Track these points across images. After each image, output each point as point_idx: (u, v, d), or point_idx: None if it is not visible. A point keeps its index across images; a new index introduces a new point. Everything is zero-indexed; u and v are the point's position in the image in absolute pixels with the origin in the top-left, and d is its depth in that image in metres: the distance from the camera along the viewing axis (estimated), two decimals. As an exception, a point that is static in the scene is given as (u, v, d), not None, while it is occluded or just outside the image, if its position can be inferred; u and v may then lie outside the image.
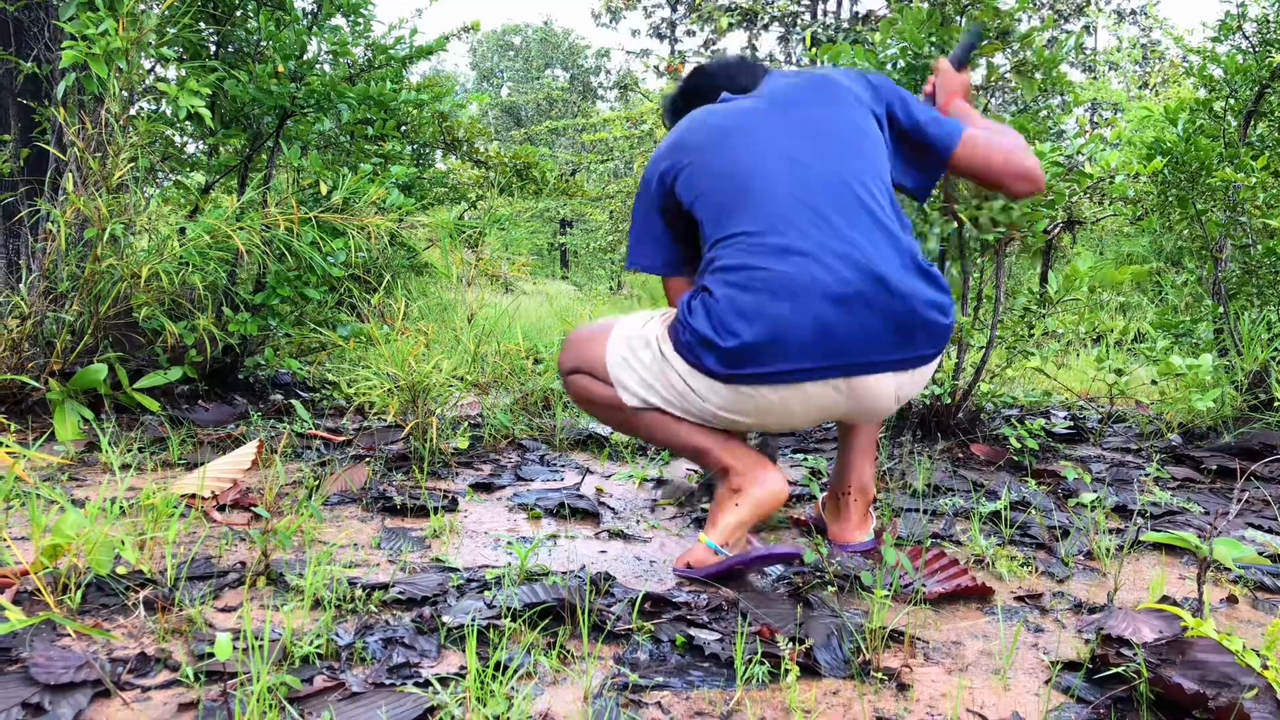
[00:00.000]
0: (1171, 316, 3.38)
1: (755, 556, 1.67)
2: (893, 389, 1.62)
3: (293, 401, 2.86)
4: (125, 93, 2.56)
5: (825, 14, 16.00)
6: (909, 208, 2.78)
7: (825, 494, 1.98)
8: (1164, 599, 1.65)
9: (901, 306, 1.55)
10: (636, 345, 1.73)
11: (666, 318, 1.74)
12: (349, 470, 2.30)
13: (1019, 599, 1.71)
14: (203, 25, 3.05)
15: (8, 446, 1.48)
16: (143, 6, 2.58)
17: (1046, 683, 1.36)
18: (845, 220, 1.59)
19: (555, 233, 13.65)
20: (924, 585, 1.67)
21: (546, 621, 1.47)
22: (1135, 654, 1.38)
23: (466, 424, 2.91)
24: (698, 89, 1.96)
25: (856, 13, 15.38)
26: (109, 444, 2.35)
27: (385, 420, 2.91)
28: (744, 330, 1.55)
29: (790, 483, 2.34)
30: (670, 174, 1.76)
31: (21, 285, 2.61)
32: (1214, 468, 2.71)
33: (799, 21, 15.31)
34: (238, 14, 3.03)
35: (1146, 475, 2.63)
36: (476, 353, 3.08)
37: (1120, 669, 1.33)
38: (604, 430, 2.99)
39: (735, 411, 1.65)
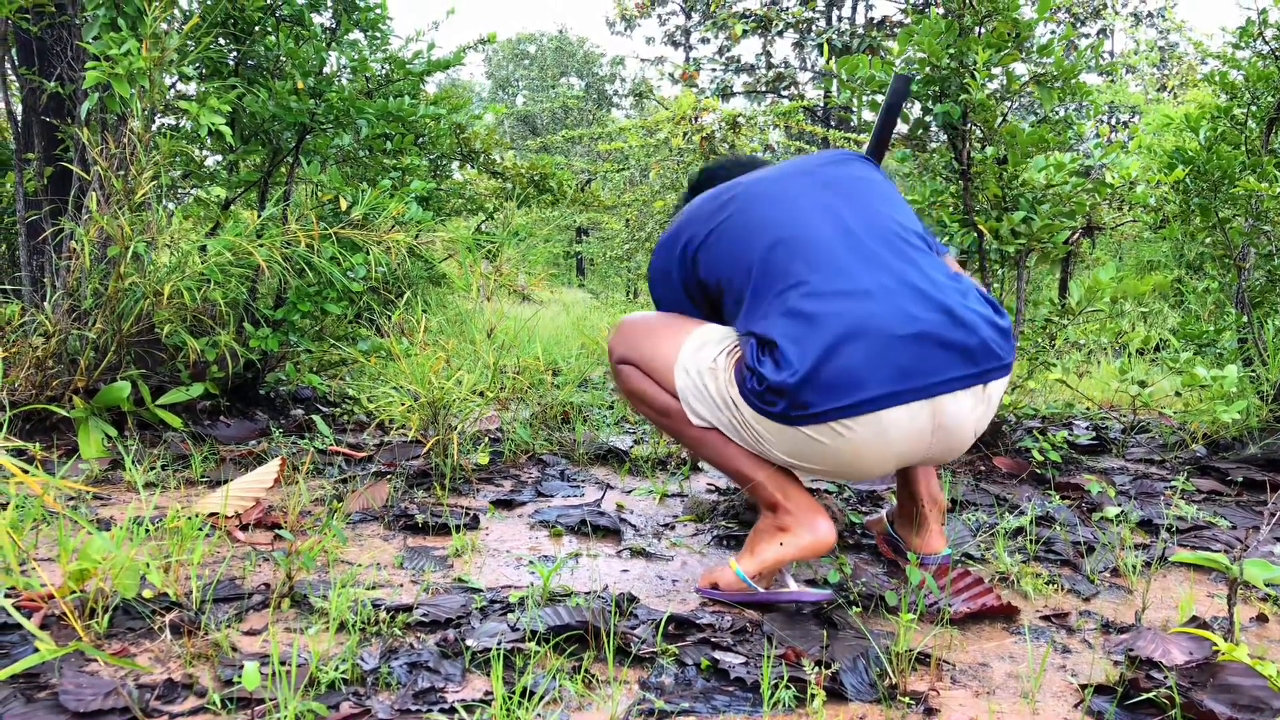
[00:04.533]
0: (1194, 325, 3.35)
1: (785, 598, 1.66)
2: (969, 409, 1.56)
3: (314, 417, 2.87)
4: (147, 111, 2.58)
5: (840, 20, 15.99)
6: (927, 219, 2.77)
7: (894, 509, 1.95)
8: (1193, 619, 1.64)
9: (971, 336, 1.53)
10: (704, 373, 1.67)
11: (733, 354, 1.66)
12: (370, 488, 2.31)
13: (1045, 618, 1.69)
14: (222, 42, 3.07)
15: (34, 473, 1.49)
16: (165, 26, 2.60)
17: (1076, 706, 1.35)
18: (897, 258, 1.58)
19: (571, 241, 13.67)
20: (949, 605, 1.66)
21: (573, 647, 1.46)
22: (1166, 677, 1.37)
23: (486, 439, 2.91)
24: (721, 172, 2.00)
25: (871, 19, 15.36)
26: (132, 462, 2.36)
27: (406, 436, 2.92)
28: (814, 367, 1.48)
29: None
30: (691, 248, 1.74)
31: (46, 303, 2.64)
32: (1240, 480, 2.69)
33: (814, 28, 15.31)
34: (257, 30, 3.05)
35: (1172, 488, 2.61)
36: (496, 367, 3.09)
37: (1151, 694, 1.32)
38: (624, 445, 2.99)
39: (804, 459, 1.59)
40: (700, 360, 1.68)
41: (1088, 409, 3.76)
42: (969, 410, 1.56)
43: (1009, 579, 1.86)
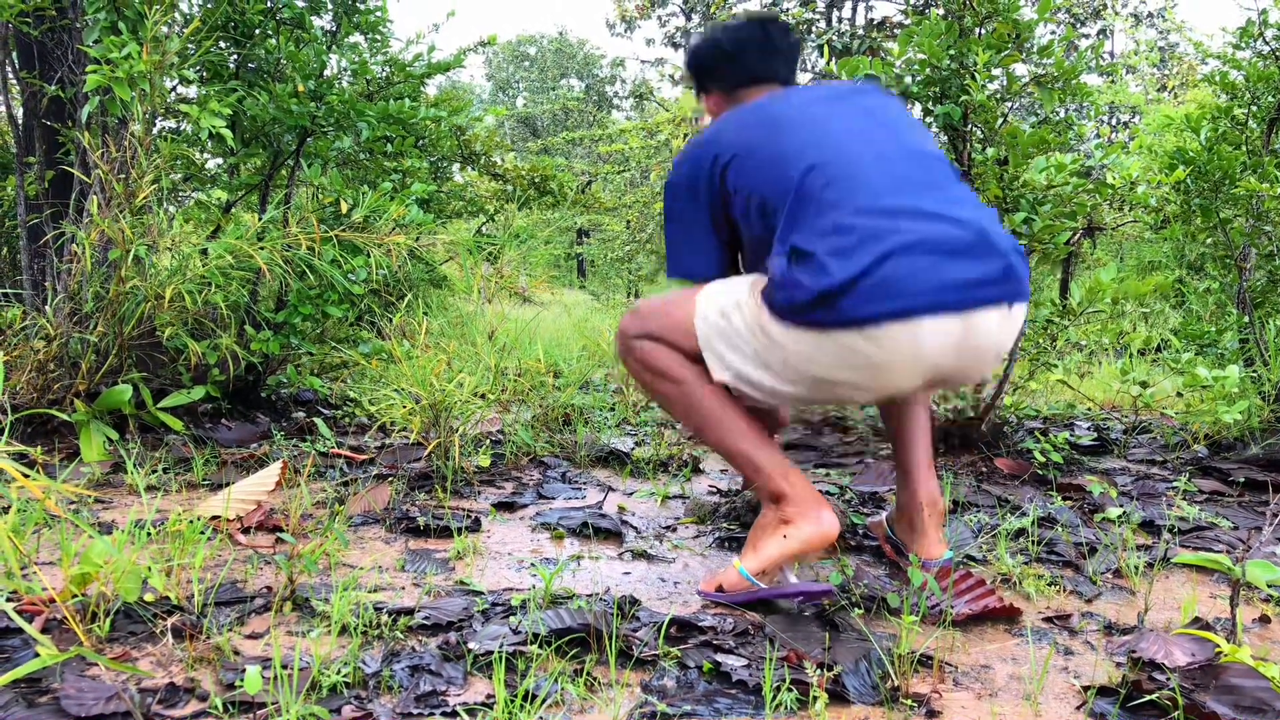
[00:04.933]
0: (1196, 326, 3.35)
1: (789, 592, 1.65)
2: (996, 328, 1.57)
3: (315, 420, 2.87)
4: (148, 115, 2.58)
5: (840, 21, 16.00)
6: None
7: (896, 512, 1.94)
8: (1195, 621, 1.64)
9: (1001, 258, 1.56)
10: (729, 310, 1.67)
11: (756, 285, 1.67)
12: (372, 490, 2.31)
13: (1047, 620, 1.69)
14: (223, 45, 3.07)
15: (35, 477, 1.49)
16: (165, 30, 2.60)
17: (1079, 708, 1.34)
18: (935, 184, 1.61)
19: (572, 243, 13.67)
20: (951, 607, 1.66)
21: (575, 649, 1.46)
22: (1168, 678, 1.36)
23: (488, 441, 2.91)
24: (732, 58, 1.94)
25: (872, 20, 15.37)
26: (134, 465, 2.36)
27: (407, 438, 2.92)
28: (855, 275, 1.49)
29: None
30: (720, 167, 1.73)
31: (47, 307, 2.64)
32: (1242, 480, 2.68)
33: (814, 29, 15.32)
34: (257, 33, 3.05)
35: (1173, 489, 2.61)
36: (497, 369, 3.09)
37: (1154, 695, 1.32)
38: (625, 447, 2.99)
39: (833, 371, 1.57)
40: (723, 301, 1.69)
41: (1089, 410, 3.76)
42: (995, 328, 1.57)
43: (1011, 580, 1.86)
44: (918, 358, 1.54)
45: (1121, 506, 2.38)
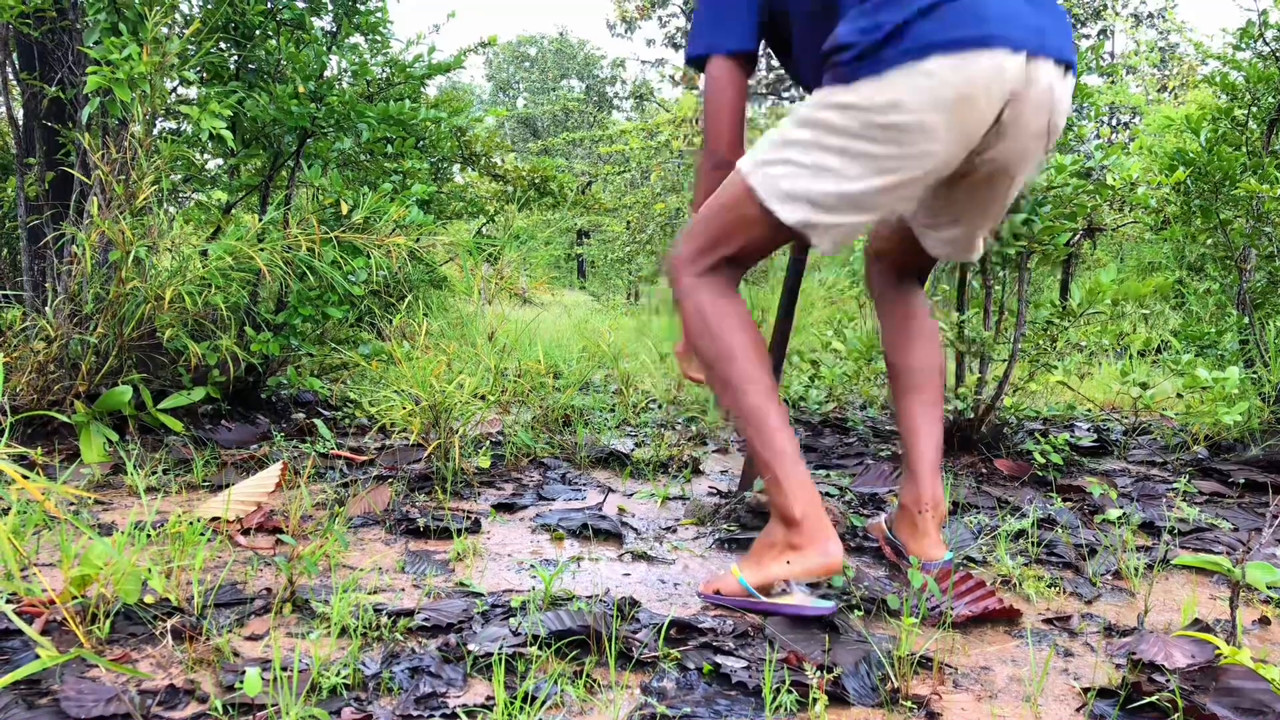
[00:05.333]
0: (1196, 327, 3.35)
1: (788, 611, 1.65)
2: (1052, 88, 1.57)
3: (315, 421, 2.87)
4: (148, 116, 2.58)
5: (840, 21, 15.97)
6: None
7: (897, 513, 1.94)
8: (1195, 622, 1.64)
9: (1067, 21, 1.60)
10: (784, 137, 1.63)
11: (798, 106, 1.64)
12: (372, 491, 2.31)
13: (1047, 621, 1.69)
14: (223, 46, 3.07)
15: (35, 479, 1.49)
16: (166, 31, 2.60)
17: (1079, 710, 1.34)
18: None
19: (572, 244, 13.68)
20: (951, 608, 1.66)
21: (574, 651, 1.46)
22: (1168, 680, 1.36)
23: (488, 442, 2.91)
24: None
25: (872, 20, 15.35)
26: (134, 466, 2.36)
27: (407, 439, 2.92)
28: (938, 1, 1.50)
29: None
30: None
31: (48, 308, 2.64)
32: (1242, 482, 2.68)
33: (814, 29, 15.30)
34: (257, 34, 3.05)
35: (1173, 490, 2.61)
36: (497, 370, 3.09)
37: (1153, 697, 1.32)
38: (625, 448, 2.99)
39: (926, 107, 1.52)
40: (772, 136, 1.66)
41: (1089, 411, 3.76)
42: (1052, 85, 1.57)
43: (1011, 582, 1.86)
44: (998, 88, 1.52)
45: (1121, 508, 2.38)
